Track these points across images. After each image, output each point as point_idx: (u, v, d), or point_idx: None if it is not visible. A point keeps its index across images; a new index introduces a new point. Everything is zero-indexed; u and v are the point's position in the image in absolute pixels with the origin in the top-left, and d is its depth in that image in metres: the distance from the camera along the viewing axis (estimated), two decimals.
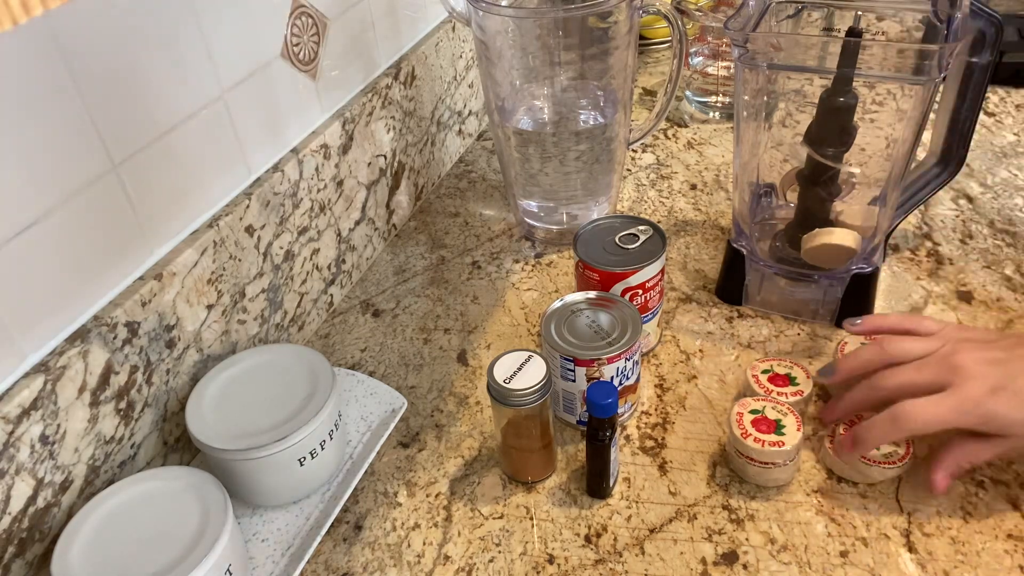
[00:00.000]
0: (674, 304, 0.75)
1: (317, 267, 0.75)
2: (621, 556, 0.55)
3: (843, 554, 0.54)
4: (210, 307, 0.62)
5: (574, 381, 0.60)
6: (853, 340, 0.64)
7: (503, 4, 0.77)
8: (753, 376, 0.63)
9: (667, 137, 1.01)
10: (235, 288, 0.65)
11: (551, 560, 0.55)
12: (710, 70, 1.03)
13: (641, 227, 0.68)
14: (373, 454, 0.61)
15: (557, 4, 0.81)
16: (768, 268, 0.71)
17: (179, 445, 0.62)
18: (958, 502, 0.56)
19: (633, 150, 0.98)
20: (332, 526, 0.59)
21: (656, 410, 0.65)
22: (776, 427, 0.57)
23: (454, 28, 0.95)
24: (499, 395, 0.56)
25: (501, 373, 0.56)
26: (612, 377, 0.60)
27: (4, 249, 0.48)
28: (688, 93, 1.08)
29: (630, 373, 0.61)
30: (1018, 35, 1.05)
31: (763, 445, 0.56)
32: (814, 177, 0.67)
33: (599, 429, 0.55)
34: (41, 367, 0.50)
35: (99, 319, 0.54)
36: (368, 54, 0.81)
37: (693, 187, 0.91)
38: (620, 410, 0.62)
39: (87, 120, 0.52)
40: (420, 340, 0.75)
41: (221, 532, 0.49)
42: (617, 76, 0.76)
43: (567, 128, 0.80)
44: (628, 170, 0.95)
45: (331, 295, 0.78)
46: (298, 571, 0.53)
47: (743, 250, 0.72)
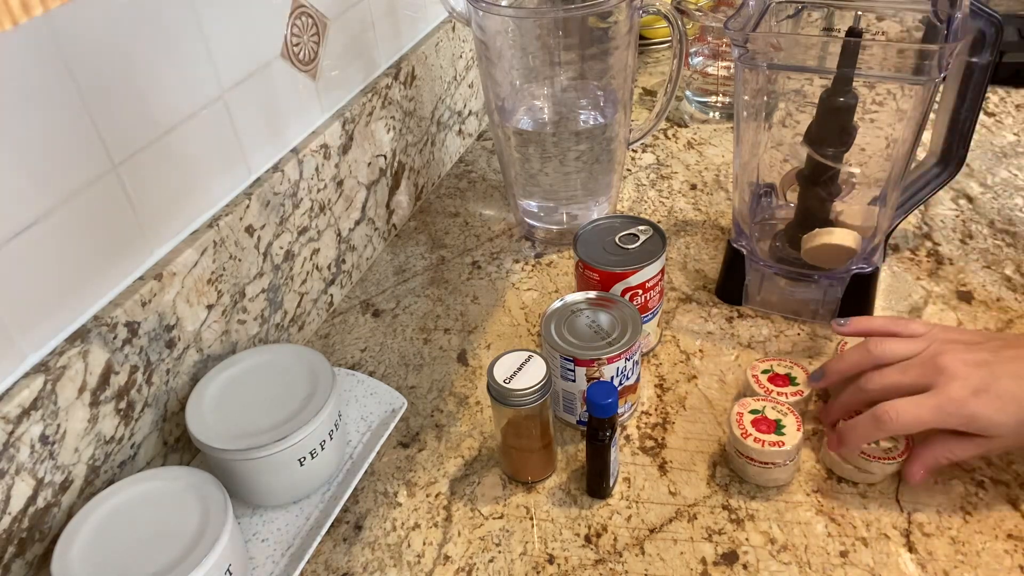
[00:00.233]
0: (674, 304, 0.75)
1: (317, 267, 0.75)
2: (621, 556, 0.55)
3: (843, 554, 0.54)
4: (210, 307, 0.62)
5: (574, 381, 0.60)
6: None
7: (503, 4, 0.77)
8: (753, 376, 0.63)
9: (667, 137, 1.01)
10: (235, 288, 0.65)
11: (551, 560, 0.55)
12: (710, 70, 1.03)
13: (641, 227, 0.68)
14: (373, 454, 0.61)
15: (557, 4, 0.81)
16: (768, 268, 0.71)
17: (179, 445, 0.62)
18: (958, 502, 0.56)
19: (633, 150, 0.98)
20: (332, 526, 0.59)
21: (656, 410, 0.65)
22: (776, 427, 0.57)
23: (454, 28, 0.95)
24: (499, 395, 0.56)
25: (501, 373, 0.56)
26: (612, 377, 0.60)
27: (4, 249, 0.48)
28: (688, 93, 1.08)
29: (630, 373, 0.61)
30: (1018, 35, 1.05)
31: (763, 445, 0.56)
32: (814, 177, 0.67)
33: (599, 429, 0.55)
34: (41, 367, 0.50)
35: (99, 319, 0.54)
36: (368, 54, 0.81)
37: (693, 187, 0.91)
38: (620, 410, 0.62)
39: (87, 120, 0.52)
40: (420, 340, 0.75)
41: (221, 532, 0.49)
42: (617, 76, 0.76)
43: (567, 128, 0.80)
44: (628, 170, 0.95)
45: (331, 295, 0.78)
46: (298, 571, 0.53)
47: (743, 250, 0.72)
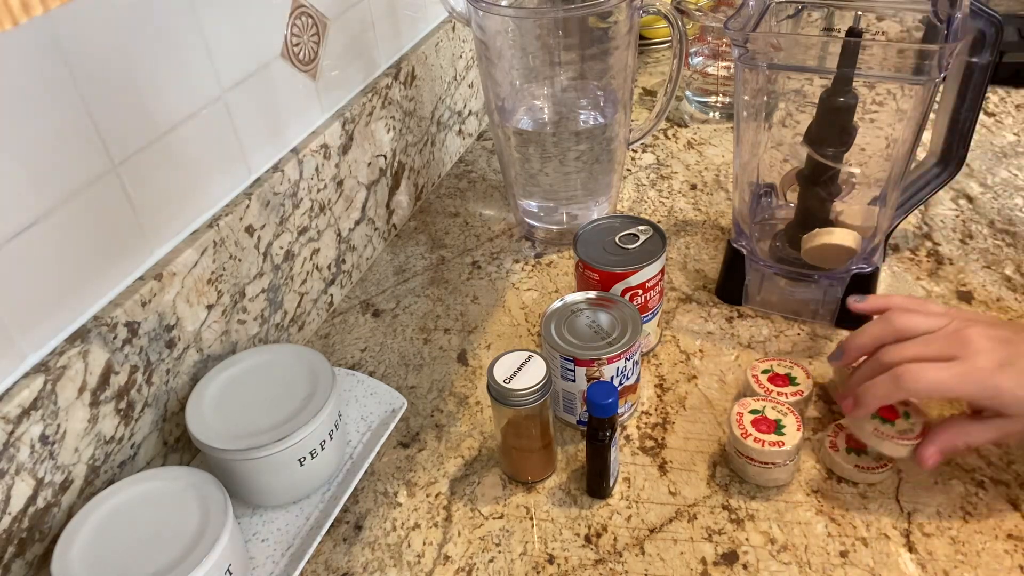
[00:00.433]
0: (674, 304, 0.75)
1: (317, 267, 0.75)
2: (621, 556, 0.55)
3: (843, 554, 0.54)
4: (210, 307, 0.62)
5: (574, 381, 0.60)
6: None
7: (503, 4, 0.77)
8: (753, 376, 0.63)
9: (667, 137, 1.01)
10: (235, 288, 0.65)
11: (551, 560, 0.55)
12: (710, 70, 1.03)
13: (641, 227, 0.68)
14: (373, 454, 0.61)
15: (557, 4, 0.81)
16: (768, 268, 0.71)
17: (179, 445, 0.62)
18: (958, 502, 0.56)
19: (633, 150, 0.98)
20: (332, 526, 0.59)
21: (656, 410, 0.65)
22: (776, 427, 0.57)
23: (454, 28, 0.95)
24: (499, 395, 0.56)
25: (501, 373, 0.56)
26: (612, 377, 0.60)
27: (4, 249, 0.48)
28: (688, 93, 1.08)
29: (630, 373, 0.61)
30: (1018, 35, 1.05)
31: (763, 445, 0.56)
32: (814, 177, 0.67)
33: (599, 429, 0.55)
34: (41, 367, 0.50)
35: (99, 319, 0.54)
36: (368, 54, 0.81)
37: (693, 187, 0.91)
38: (620, 410, 0.62)
39: (87, 120, 0.52)
40: (420, 340, 0.75)
41: (221, 532, 0.49)
42: (617, 76, 0.76)
43: (567, 128, 0.80)
44: (628, 170, 0.95)
45: (331, 295, 0.78)
46: (298, 571, 0.53)
47: (743, 250, 0.72)
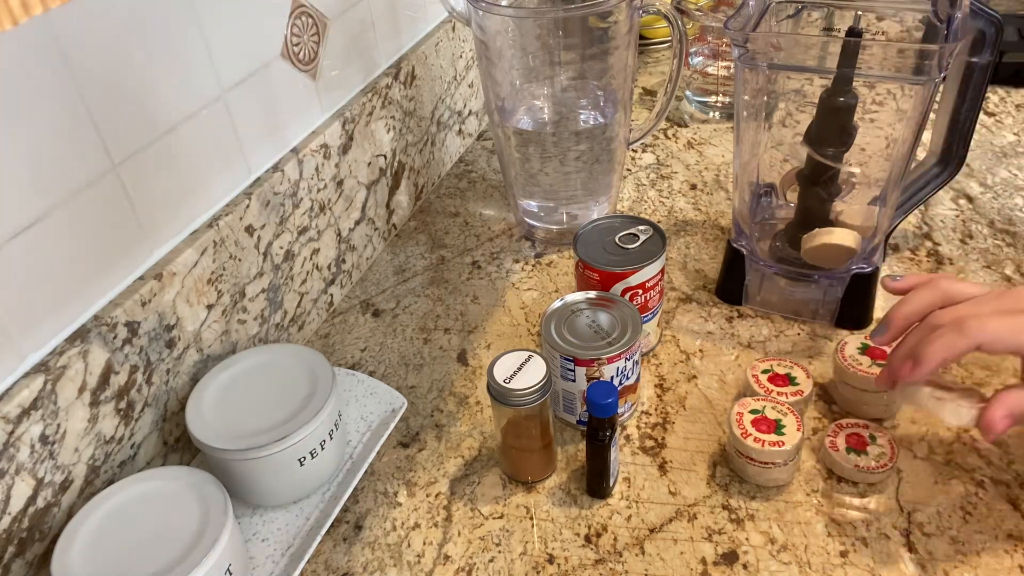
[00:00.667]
0: (674, 304, 0.75)
1: (317, 267, 0.75)
2: (621, 556, 0.55)
3: (843, 554, 0.54)
4: (210, 307, 0.62)
5: (574, 381, 0.60)
6: (853, 340, 0.64)
7: (503, 4, 0.77)
8: (753, 376, 0.63)
9: (667, 137, 1.01)
10: (235, 288, 0.65)
11: (551, 560, 0.55)
12: (710, 70, 1.03)
13: (641, 227, 0.68)
14: (373, 454, 0.61)
15: (557, 4, 0.81)
16: (768, 268, 0.71)
17: (179, 445, 0.62)
18: (958, 502, 0.56)
19: (633, 150, 0.98)
20: (332, 526, 0.59)
21: (656, 410, 0.65)
22: (776, 427, 0.57)
23: (454, 28, 0.95)
24: (499, 395, 0.56)
25: (501, 373, 0.56)
26: (612, 377, 0.60)
27: (4, 249, 0.48)
28: (688, 93, 1.08)
29: (630, 373, 0.61)
30: (1018, 35, 1.05)
31: (763, 445, 0.56)
32: (814, 177, 0.67)
33: (599, 429, 0.55)
34: (41, 367, 0.50)
35: (99, 319, 0.54)
36: (368, 54, 0.81)
37: (693, 187, 0.91)
38: (620, 410, 0.62)
39: (87, 120, 0.52)
40: (420, 340, 0.75)
41: (221, 532, 0.49)
42: (617, 76, 0.76)
43: (567, 128, 0.80)
44: (628, 170, 0.95)
45: (331, 295, 0.78)
46: (298, 571, 0.53)
47: (743, 250, 0.72)
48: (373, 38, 0.81)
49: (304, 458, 0.56)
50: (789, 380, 0.63)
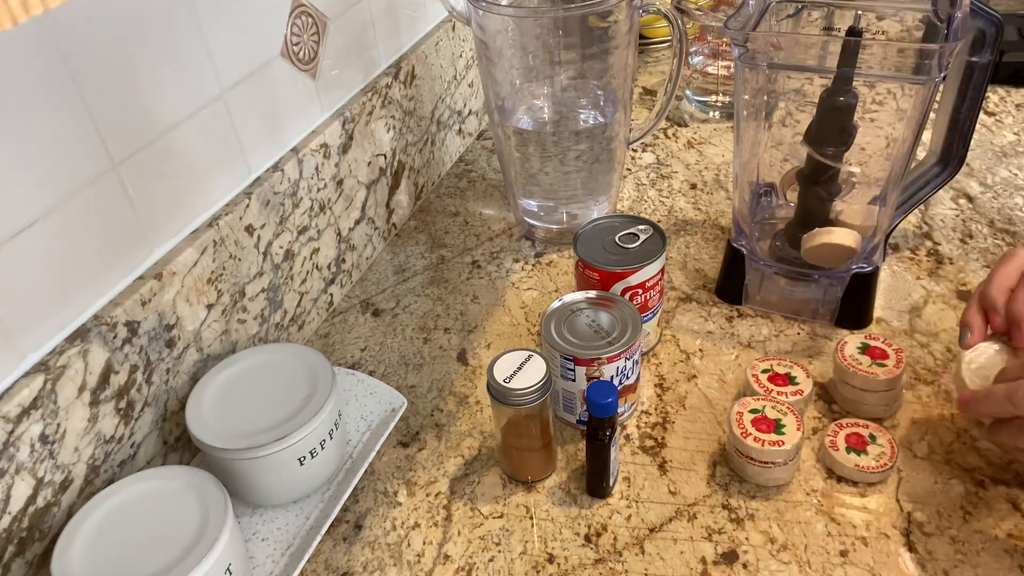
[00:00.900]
0: (674, 304, 0.75)
1: (317, 266, 0.75)
2: (621, 555, 0.55)
3: (843, 554, 0.54)
4: (210, 306, 0.62)
5: (574, 381, 0.60)
6: (853, 339, 0.64)
7: (503, 3, 0.77)
8: (753, 375, 0.63)
9: (667, 136, 1.01)
10: (235, 287, 0.65)
11: (551, 559, 0.55)
12: (710, 69, 1.03)
13: (641, 226, 0.68)
14: (373, 453, 0.61)
15: (557, 4, 0.81)
16: (768, 268, 0.71)
17: (179, 444, 0.62)
18: (958, 502, 0.56)
19: (633, 149, 0.98)
20: (332, 525, 0.59)
21: (656, 410, 0.65)
22: (776, 427, 0.57)
23: (454, 27, 0.95)
24: (499, 394, 0.56)
25: (501, 372, 0.56)
26: (612, 376, 0.60)
27: (4, 249, 0.48)
28: (688, 92, 1.08)
29: (630, 373, 0.61)
30: (1018, 34, 1.05)
31: (763, 444, 0.56)
32: (814, 176, 0.67)
33: (599, 429, 0.55)
34: (41, 366, 0.50)
35: (99, 318, 0.54)
36: (368, 53, 0.81)
37: (693, 186, 0.91)
38: (620, 410, 0.62)
39: (87, 120, 0.52)
40: (420, 340, 0.75)
41: (221, 532, 0.49)
42: (617, 75, 0.76)
43: (567, 127, 0.80)
44: (628, 169, 0.95)
45: (331, 294, 0.78)
46: (298, 570, 0.53)
47: (743, 250, 0.72)
48: (373, 37, 0.81)
49: (304, 458, 0.56)
50: (789, 380, 0.63)
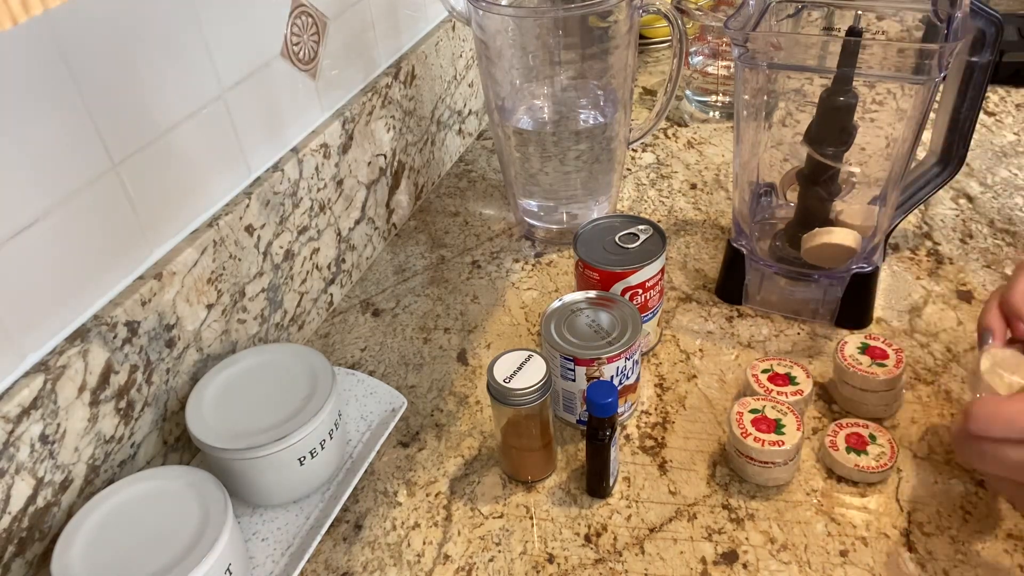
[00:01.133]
0: (674, 304, 0.75)
1: (317, 266, 0.75)
2: (621, 555, 0.55)
3: (843, 553, 0.54)
4: (210, 306, 0.62)
5: (574, 380, 0.60)
6: (853, 339, 0.64)
7: (503, 3, 0.77)
8: (753, 375, 0.63)
9: (667, 136, 1.01)
10: (235, 287, 0.65)
11: (551, 559, 0.55)
12: (710, 69, 1.03)
13: (641, 226, 0.68)
14: (373, 453, 0.61)
15: (557, 4, 0.81)
16: (768, 268, 0.71)
17: (179, 444, 0.62)
18: (958, 502, 0.56)
19: (633, 149, 0.98)
20: (332, 525, 0.59)
21: (656, 410, 0.65)
22: (776, 427, 0.57)
23: (454, 27, 0.95)
24: (499, 394, 0.56)
25: (501, 372, 0.56)
26: (612, 376, 0.60)
27: (4, 249, 0.48)
28: (688, 92, 1.08)
29: (630, 373, 0.61)
30: (1018, 34, 1.05)
31: (763, 444, 0.56)
32: (814, 176, 0.67)
33: (599, 428, 0.55)
34: (41, 366, 0.50)
35: (99, 318, 0.54)
36: (368, 53, 0.81)
37: (693, 186, 0.91)
38: (620, 409, 0.62)
39: (87, 120, 0.52)
40: (420, 339, 0.75)
41: (221, 531, 0.49)
42: (617, 75, 0.76)
43: (567, 127, 0.80)
44: (628, 169, 0.95)
45: (331, 294, 0.78)
46: (298, 570, 0.53)
47: (743, 250, 0.72)
48: (373, 37, 0.81)
49: (304, 458, 0.56)
50: (789, 380, 0.63)
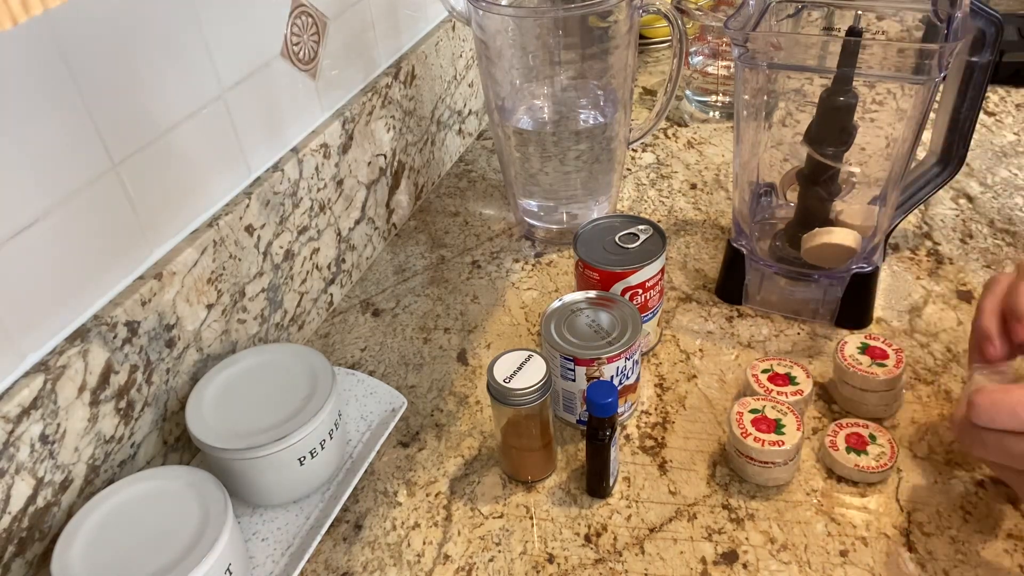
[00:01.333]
0: (674, 304, 0.75)
1: (317, 266, 0.75)
2: (621, 555, 0.55)
3: (843, 554, 0.54)
4: (210, 306, 0.62)
5: (574, 380, 0.60)
6: (853, 339, 0.64)
7: (503, 3, 0.77)
8: (753, 375, 0.63)
9: (667, 136, 1.01)
10: (235, 287, 0.65)
11: (551, 559, 0.55)
12: (710, 69, 1.03)
13: (641, 226, 0.68)
14: (373, 453, 0.61)
15: (557, 4, 0.81)
16: (768, 268, 0.71)
17: (179, 444, 0.62)
18: (958, 502, 0.56)
19: (633, 149, 0.98)
20: (332, 525, 0.59)
21: (656, 410, 0.65)
22: (776, 427, 0.57)
23: (454, 27, 0.95)
24: (499, 394, 0.56)
25: (501, 372, 0.56)
26: (612, 376, 0.60)
27: (4, 249, 0.48)
28: (688, 92, 1.08)
29: (630, 372, 0.61)
30: (1018, 34, 1.05)
31: (763, 444, 0.56)
32: (814, 176, 0.67)
33: (599, 429, 0.55)
34: (41, 366, 0.50)
35: (99, 318, 0.54)
36: (368, 53, 0.81)
37: (693, 186, 0.91)
38: (620, 409, 0.62)
39: (87, 120, 0.52)
40: (420, 339, 0.75)
41: (221, 532, 0.49)
42: (617, 75, 0.76)
43: (567, 127, 0.80)
44: (628, 169, 0.95)
45: (331, 294, 0.78)
46: (298, 570, 0.53)
47: (743, 250, 0.72)
48: (373, 37, 0.81)
49: (304, 458, 0.56)
50: (789, 380, 0.63)
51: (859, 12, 0.63)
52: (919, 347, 0.68)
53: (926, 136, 0.71)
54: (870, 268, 0.69)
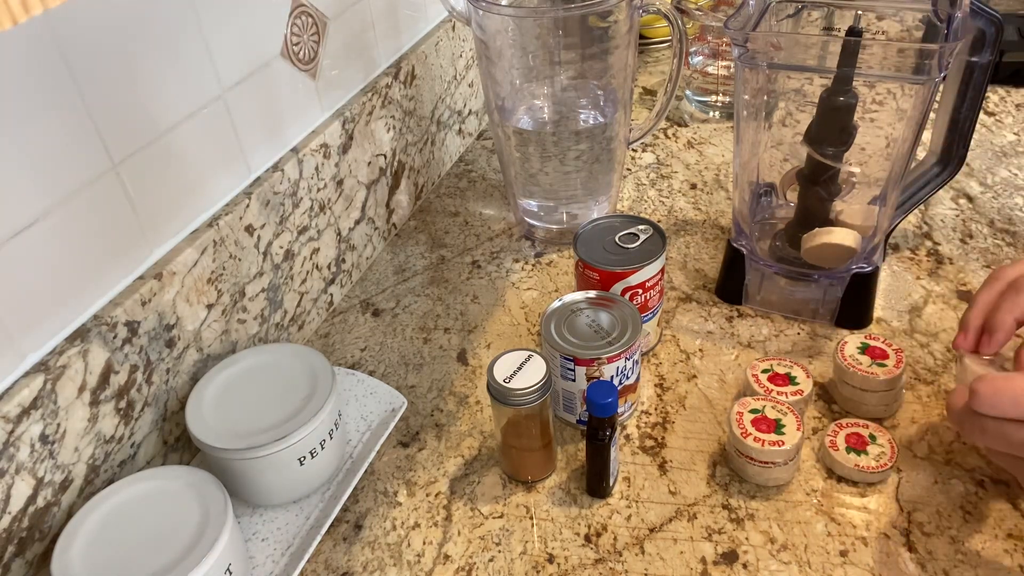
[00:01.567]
0: (674, 304, 0.75)
1: (317, 266, 0.75)
2: (621, 555, 0.55)
3: (843, 554, 0.54)
4: (210, 306, 0.62)
5: (574, 380, 0.60)
6: (853, 339, 0.64)
7: (503, 3, 0.77)
8: (753, 375, 0.63)
9: (667, 136, 1.01)
10: (235, 287, 0.65)
11: (551, 559, 0.55)
12: (710, 69, 1.03)
13: (641, 226, 0.68)
14: (373, 453, 0.61)
15: (557, 4, 0.81)
16: (768, 268, 0.71)
17: (179, 444, 0.62)
18: (958, 502, 0.56)
19: (633, 149, 0.98)
20: (332, 525, 0.59)
21: (656, 410, 0.65)
22: (776, 427, 0.57)
23: (454, 27, 0.95)
24: (499, 394, 0.56)
25: (501, 372, 0.56)
26: (612, 376, 0.60)
27: (4, 249, 0.48)
28: (688, 92, 1.08)
29: (630, 373, 0.61)
30: (1018, 34, 1.05)
31: (763, 444, 0.56)
32: (814, 176, 0.67)
33: (599, 429, 0.55)
34: (41, 366, 0.50)
35: (99, 318, 0.54)
36: (368, 53, 0.81)
37: (693, 186, 0.91)
38: (620, 409, 0.62)
39: (87, 120, 0.52)
40: (420, 339, 0.75)
41: (221, 532, 0.49)
42: (617, 75, 0.76)
43: (567, 127, 0.80)
44: (628, 169, 0.95)
45: (331, 294, 0.78)
46: (298, 570, 0.53)
47: (743, 249, 0.72)
48: (373, 37, 0.81)
49: (304, 458, 0.56)
50: (789, 380, 0.63)
51: (859, 12, 0.63)
52: (919, 347, 0.68)
53: (926, 136, 0.71)
54: (870, 268, 0.69)
